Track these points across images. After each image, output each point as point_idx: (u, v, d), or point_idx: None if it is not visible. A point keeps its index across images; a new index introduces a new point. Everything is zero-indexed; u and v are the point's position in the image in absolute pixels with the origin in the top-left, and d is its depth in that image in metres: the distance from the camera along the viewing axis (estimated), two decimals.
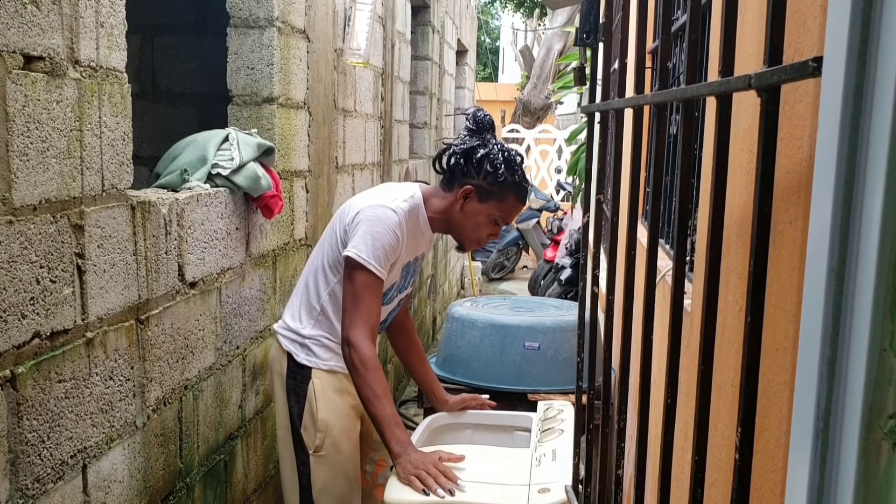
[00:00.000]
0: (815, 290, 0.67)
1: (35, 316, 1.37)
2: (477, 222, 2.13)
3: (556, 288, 6.44)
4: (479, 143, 2.11)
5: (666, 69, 1.16)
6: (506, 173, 2.08)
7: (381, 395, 1.96)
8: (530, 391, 3.25)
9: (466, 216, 2.12)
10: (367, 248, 1.97)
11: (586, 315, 1.74)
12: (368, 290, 1.98)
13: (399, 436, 1.94)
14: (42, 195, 1.38)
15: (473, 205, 2.10)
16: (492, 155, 2.09)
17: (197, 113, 3.66)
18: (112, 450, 1.66)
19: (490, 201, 2.10)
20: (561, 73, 8.95)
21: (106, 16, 1.59)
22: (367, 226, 1.99)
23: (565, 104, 11.68)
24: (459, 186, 2.11)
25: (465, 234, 2.16)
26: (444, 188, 2.16)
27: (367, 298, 1.98)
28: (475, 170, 2.09)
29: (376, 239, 1.98)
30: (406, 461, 1.91)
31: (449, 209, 2.13)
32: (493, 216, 2.12)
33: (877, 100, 0.61)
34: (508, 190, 2.10)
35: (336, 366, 2.13)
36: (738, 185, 1.14)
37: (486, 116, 2.16)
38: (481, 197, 2.10)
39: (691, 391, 1.00)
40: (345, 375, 2.15)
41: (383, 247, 1.98)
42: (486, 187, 2.09)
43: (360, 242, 1.98)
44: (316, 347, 2.12)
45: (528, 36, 16.75)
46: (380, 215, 2.01)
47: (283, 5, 2.55)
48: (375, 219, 2.00)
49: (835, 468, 0.65)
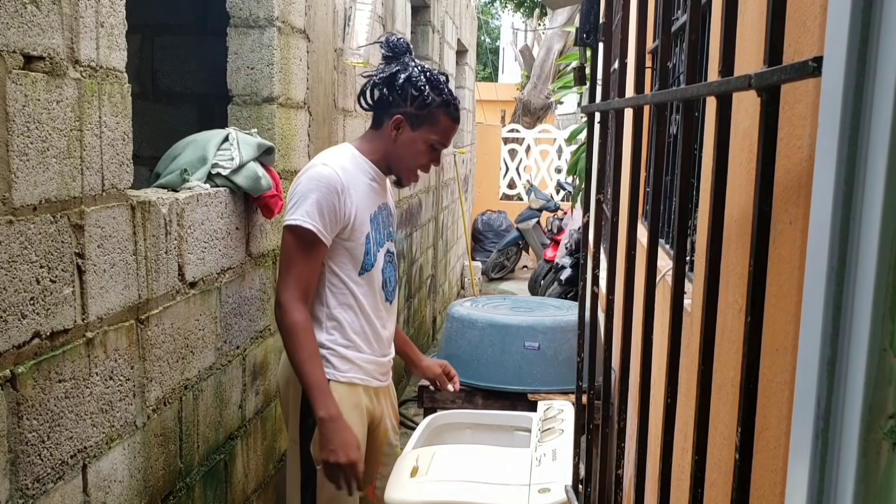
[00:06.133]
0: (815, 290, 0.67)
1: (35, 316, 1.37)
2: (415, 151, 2.08)
3: (556, 288, 6.44)
4: (399, 68, 2.04)
5: (666, 69, 1.16)
6: (432, 93, 2.02)
7: (309, 359, 1.95)
8: (530, 391, 3.25)
9: (403, 147, 2.07)
10: (295, 208, 1.95)
11: (586, 315, 1.74)
12: (299, 251, 1.95)
13: (328, 405, 1.94)
14: (42, 195, 1.38)
15: (407, 133, 2.05)
16: (413, 77, 2.02)
17: (197, 113, 3.66)
18: (112, 450, 1.66)
19: (423, 127, 2.05)
20: (561, 73, 8.95)
21: (106, 16, 1.59)
22: (297, 191, 1.98)
23: (565, 104, 11.68)
24: (389, 118, 2.05)
25: (405, 165, 2.11)
26: (374, 128, 2.11)
27: (299, 260, 1.95)
28: (400, 97, 2.03)
29: (305, 196, 1.95)
30: (333, 437, 1.93)
31: (384, 146, 2.08)
32: (430, 141, 2.07)
33: (877, 100, 0.61)
34: (438, 110, 2.04)
35: (355, 377, 2.10)
36: (738, 185, 1.14)
37: (401, 39, 2.10)
38: (413, 124, 2.04)
39: (691, 391, 1.00)
40: (363, 388, 2.13)
41: (316, 201, 1.94)
42: (416, 112, 2.03)
43: (290, 208, 1.97)
44: (333, 358, 2.07)
45: (528, 36, 16.75)
46: (309, 175, 1.99)
47: (283, 5, 2.55)
48: (304, 181, 1.98)
49: (835, 468, 0.65)
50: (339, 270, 2.06)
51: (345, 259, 2.06)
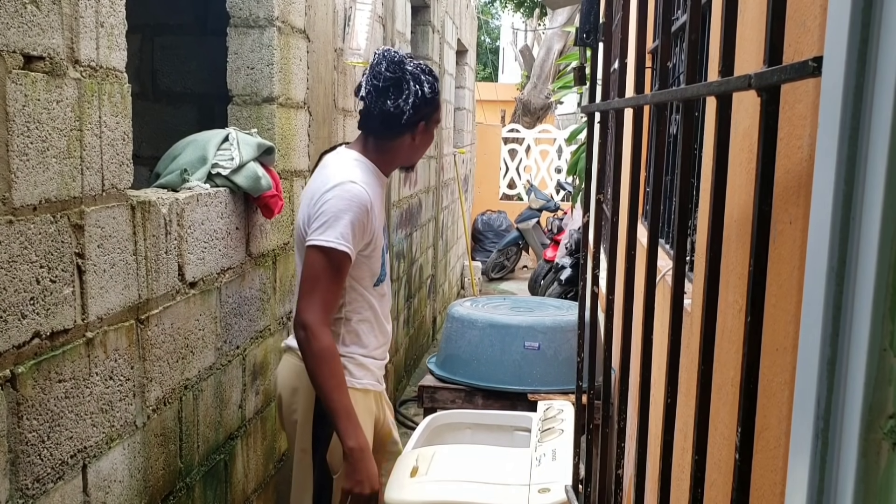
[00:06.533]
0: (815, 290, 0.67)
1: (35, 316, 1.37)
2: (428, 140, 2.18)
3: (556, 288, 6.44)
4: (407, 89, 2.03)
5: (666, 69, 1.16)
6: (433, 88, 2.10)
7: (338, 387, 1.92)
8: (530, 391, 3.25)
9: (421, 144, 2.15)
10: (326, 228, 1.91)
11: (586, 315, 1.74)
12: (328, 272, 1.91)
13: (358, 435, 1.92)
14: (42, 195, 1.38)
15: (423, 133, 2.13)
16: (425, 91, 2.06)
17: (197, 113, 3.66)
18: (112, 450, 1.66)
19: (432, 119, 2.14)
20: (561, 73, 8.95)
21: (106, 16, 1.59)
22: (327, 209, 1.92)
23: (565, 104, 11.68)
24: (410, 130, 2.09)
25: (416, 157, 2.21)
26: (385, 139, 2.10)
27: (327, 282, 1.91)
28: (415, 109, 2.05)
29: (338, 217, 1.91)
30: (363, 467, 1.91)
31: (398, 149, 2.12)
32: (436, 126, 2.19)
33: (877, 100, 0.61)
34: (437, 97, 2.13)
35: (369, 384, 2.11)
36: (738, 185, 1.14)
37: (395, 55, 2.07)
38: (428, 122, 2.13)
39: (691, 391, 1.00)
40: (375, 393, 2.15)
41: (350, 223, 1.91)
42: (428, 112, 2.11)
43: (320, 226, 1.92)
44: (351, 365, 2.05)
45: (528, 36, 16.75)
46: (339, 195, 1.94)
47: (283, 5, 2.55)
48: (335, 200, 1.93)
49: (835, 468, 0.65)
50: (357, 285, 2.05)
51: (364, 273, 2.05)
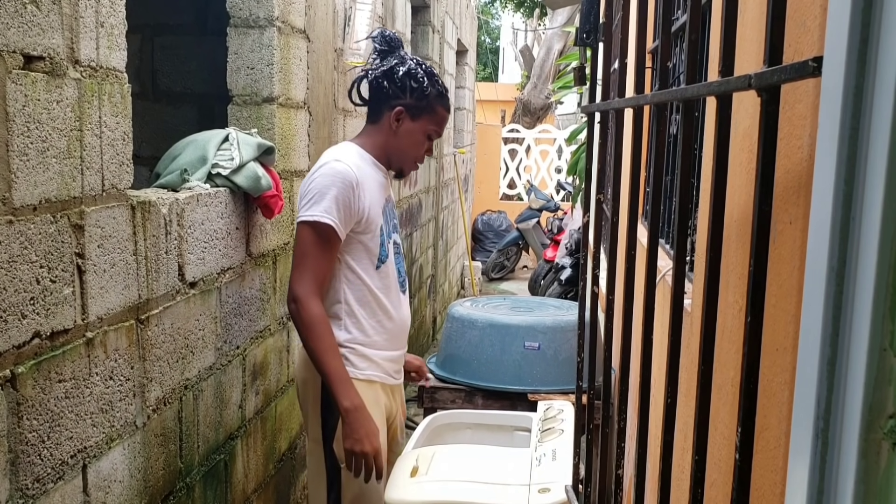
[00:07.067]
0: (815, 290, 0.67)
1: (35, 316, 1.37)
2: (414, 141, 2.13)
3: (556, 288, 6.44)
4: (397, 61, 2.09)
5: (666, 69, 1.16)
6: (430, 86, 2.08)
7: (328, 350, 1.95)
8: (530, 391, 3.25)
9: (403, 138, 2.11)
10: (312, 203, 1.96)
11: (586, 315, 1.74)
12: (316, 246, 1.96)
13: (351, 394, 1.95)
14: (42, 195, 1.38)
15: (407, 125, 2.10)
16: (412, 70, 2.08)
17: (197, 113, 3.66)
18: (112, 450, 1.66)
19: (422, 117, 2.10)
20: (561, 73, 8.95)
21: (106, 16, 1.59)
22: (313, 187, 1.99)
23: (565, 104, 11.68)
24: (389, 110, 2.09)
25: (405, 156, 2.16)
26: (372, 122, 2.14)
27: (316, 255, 1.97)
28: (399, 89, 2.08)
29: (322, 192, 1.96)
30: (359, 425, 1.93)
31: (384, 138, 2.12)
32: (428, 131, 2.13)
33: (877, 100, 0.61)
34: (436, 102, 2.11)
35: (373, 374, 2.11)
36: (738, 185, 1.14)
37: (394, 34, 2.15)
38: (413, 115, 2.09)
39: (691, 391, 1.00)
40: (381, 385, 2.14)
41: (335, 197, 1.96)
42: (416, 104, 2.08)
43: (307, 203, 1.98)
44: (352, 356, 2.07)
45: (528, 36, 16.75)
46: (324, 172, 2.00)
47: (283, 5, 2.55)
48: (319, 178, 1.99)
49: (835, 468, 0.65)
50: (355, 265, 2.07)
51: (361, 253, 2.07)
